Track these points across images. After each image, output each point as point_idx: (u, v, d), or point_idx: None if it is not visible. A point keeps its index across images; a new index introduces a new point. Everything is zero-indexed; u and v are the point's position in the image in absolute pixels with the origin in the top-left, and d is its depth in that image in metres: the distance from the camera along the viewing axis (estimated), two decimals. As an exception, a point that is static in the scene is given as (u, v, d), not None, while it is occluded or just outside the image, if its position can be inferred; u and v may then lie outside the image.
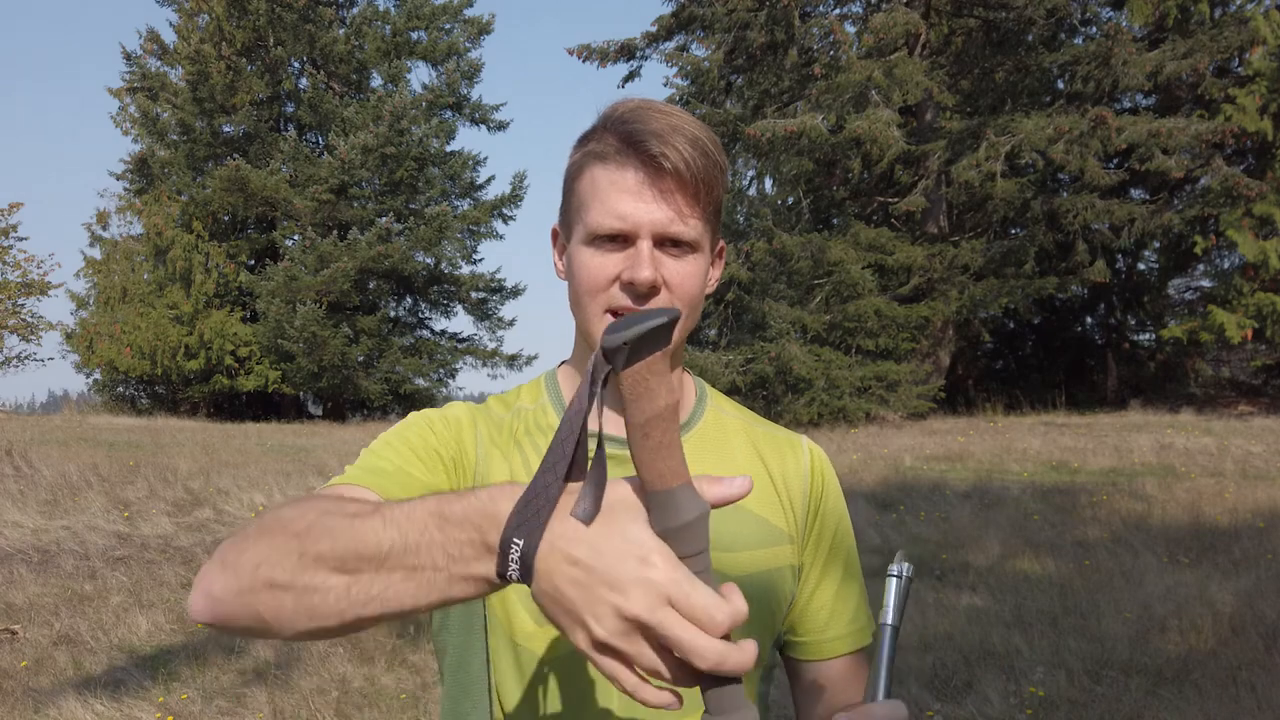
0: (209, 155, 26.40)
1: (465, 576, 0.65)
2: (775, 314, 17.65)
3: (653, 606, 0.59)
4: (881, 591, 0.90)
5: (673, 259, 0.97)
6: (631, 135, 0.94)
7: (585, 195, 0.98)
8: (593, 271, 0.97)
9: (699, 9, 19.33)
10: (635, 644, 0.60)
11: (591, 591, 0.60)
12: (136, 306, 25.86)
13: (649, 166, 0.94)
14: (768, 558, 1.04)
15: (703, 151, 0.94)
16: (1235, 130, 16.80)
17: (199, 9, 26.45)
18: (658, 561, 0.60)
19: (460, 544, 0.64)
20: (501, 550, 0.62)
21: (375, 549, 0.66)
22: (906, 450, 12.59)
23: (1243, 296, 16.77)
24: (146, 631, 5.23)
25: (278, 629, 0.70)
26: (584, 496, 0.63)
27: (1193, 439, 12.68)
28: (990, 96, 19.72)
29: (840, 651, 1.09)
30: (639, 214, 0.94)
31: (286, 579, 0.69)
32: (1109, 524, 7.59)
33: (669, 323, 0.65)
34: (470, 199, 28.86)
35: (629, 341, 0.63)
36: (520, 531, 0.62)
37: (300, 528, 0.70)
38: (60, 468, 10.18)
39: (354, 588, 0.67)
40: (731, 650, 0.59)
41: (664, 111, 0.96)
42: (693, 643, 0.59)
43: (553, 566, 0.61)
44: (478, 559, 0.64)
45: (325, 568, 0.68)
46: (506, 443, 1.04)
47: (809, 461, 1.11)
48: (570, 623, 0.62)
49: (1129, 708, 3.94)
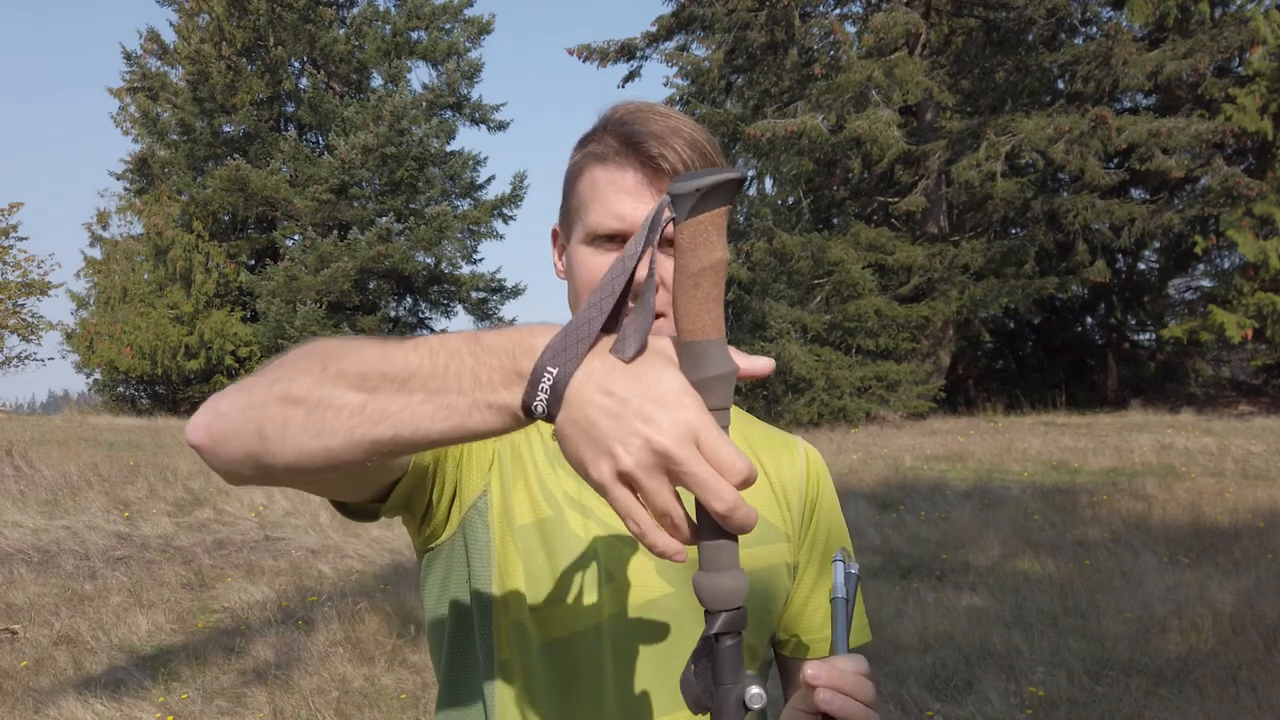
0: (209, 155, 26.39)
1: (488, 404, 0.64)
2: (775, 314, 17.65)
3: (682, 441, 0.59)
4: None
5: (669, 258, 0.97)
6: (630, 136, 0.96)
7: (585, 196, 0.99)
8: (591, 271, 0.98)
9: (699, 9, 19.33)
10: (656, 479, 0.60)
11: (624, 421, 0.60)
12: (137, 306, 25.86)
13: (647, 167, 0.95)
14: (765, 555, 1.04)
15: (701, 153, 0.96)
16: (1235, 130, 16.80)
17: (199, 9, 26.44)
18: (690, 403, 0.61)
19: (490, 369, 0.64)
20: (533, 378, 0.62)
21: (401, 368, 0.66)
22: (906, 450, 12.59)
23: (1243, 296, 16.76)
24: (147, 631, 5.23)
25: (277, 447, 0.69)
26: (627, 336, 0.64)
27: (1193, 439, 12.68)
28: (990, 96, 19.71)
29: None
30: (637, 214, 0.95)
31: (302, 392, 0.68)
32: (1109, 524, 7.59)
33: (740, 179, 0.65)
34: (470, 199, 28.85)
35: (702, 189, 0.63)
36: (556, 360, 0.62)
37: (323, 350, 0.70)
38: (60, 468, 10.18)
39: (370, 404, 0.66)
40: (742, 502, 0.60)
41: (663, 114, 0.97)
42: (714, 484, 0.60)
43: (586, 396, 0.61)
44: (506, 385, 0.64)
45: (345, 383, 0.67)
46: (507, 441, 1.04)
47: (804, 462, 1.12)
48: (596, 453, 0.61)
49: (1129, 708, 3.94)
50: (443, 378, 0.65)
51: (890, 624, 5.07)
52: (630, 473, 0.60)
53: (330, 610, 5.50)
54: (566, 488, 1.01)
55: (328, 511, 8.45)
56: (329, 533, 7.79)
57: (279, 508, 8.68)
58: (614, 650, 0.96)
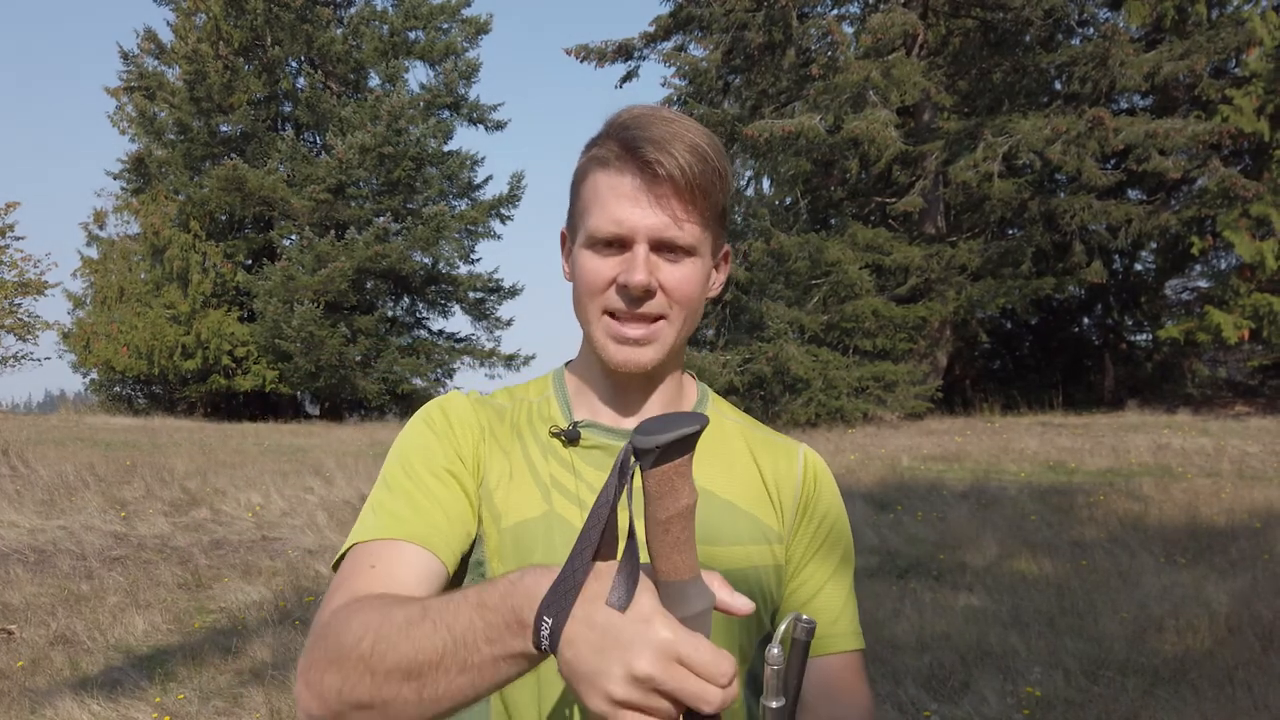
0: (206, 155, 26.36)
1: (507, 656, 0.73)
2: (773, 314, 17.65)
3: (663, 663, 0.66)
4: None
5: (669, 264, 0.99)
6: (630, 142, 0.97)
7: (588, 200, 1.01)
8: (590, 274, 1.00)
9: (697, 9, 19.33)
10: (652, 699, 0.67)
11: (608, 655, 0.67)
12: (133, 306, 25.82)
13: (645, 173, 0.96)
14: (756, 554, 1.05)
15: (701, 158, 0.96)
16: (1232, 131, 16.82)
17: (196, 8, 26.40)
18: (662, 624, 0.67)
19: (496, 627, 0.72)
20: (535, 626, 0.70)
21: (431, 653, 0.75)
22: (904, 450, 12.60)
23: (1239, 297, 16.78)
24: (143, 631, 5.23)
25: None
26: (617, 585, 0.69)
27: (1189, 439, 12.70)
28: (988, 97, 19.73)
29: (839, 648, 1.10)
30: (635, 219, 0.97)
31: (368, 698, 0.78)
32: (1106, 524, 7.60)
33: (699, 430, 0.70)
34: (468, 199, 28.83)
35: (661, 446, 0.68)
36: (550, 610, 0.70)
37: (365, 649, 0.78)
38: (57, 467, 10.17)
39: (424, 691, 0.76)
40: (730, 694, 0.68)
41: (667, 119, 0.98)
42: (701, 693, 0.66)
43: (575, 638, 0.69)
44: (514, 636, 0.72)
45: (395, 679, 0.76)
46: (507, 434, 1.06)
47: (803, 465, 1.12)
48: (589, 688, 0.68)
49: (1126, 708, 3.94)
50: (465, 648, 0.74)
51: (887, 624, 5.07)
52: (625, 700, 0.67)
53: (327, 610, 5.48)
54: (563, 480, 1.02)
55: (325, 512, 8.45)
56: (326, 533, 7.78)
57: (275, 508, 8.68)
58: None
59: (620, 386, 1.07)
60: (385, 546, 0.93)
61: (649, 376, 1.05)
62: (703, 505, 1.03)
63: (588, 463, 1.04)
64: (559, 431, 1.05)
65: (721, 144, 1.01)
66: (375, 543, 0.94)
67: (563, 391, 1.11)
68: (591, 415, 1.07)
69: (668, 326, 1.01)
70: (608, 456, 1.04)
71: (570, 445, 1.05)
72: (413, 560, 0.93)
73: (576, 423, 1.06)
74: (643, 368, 1.02)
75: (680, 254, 0.99)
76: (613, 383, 1.07)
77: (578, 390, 1.10)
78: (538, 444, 1.05)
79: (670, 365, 1.07)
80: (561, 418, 1.07)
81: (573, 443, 1.04)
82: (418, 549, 0.93)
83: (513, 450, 1.05)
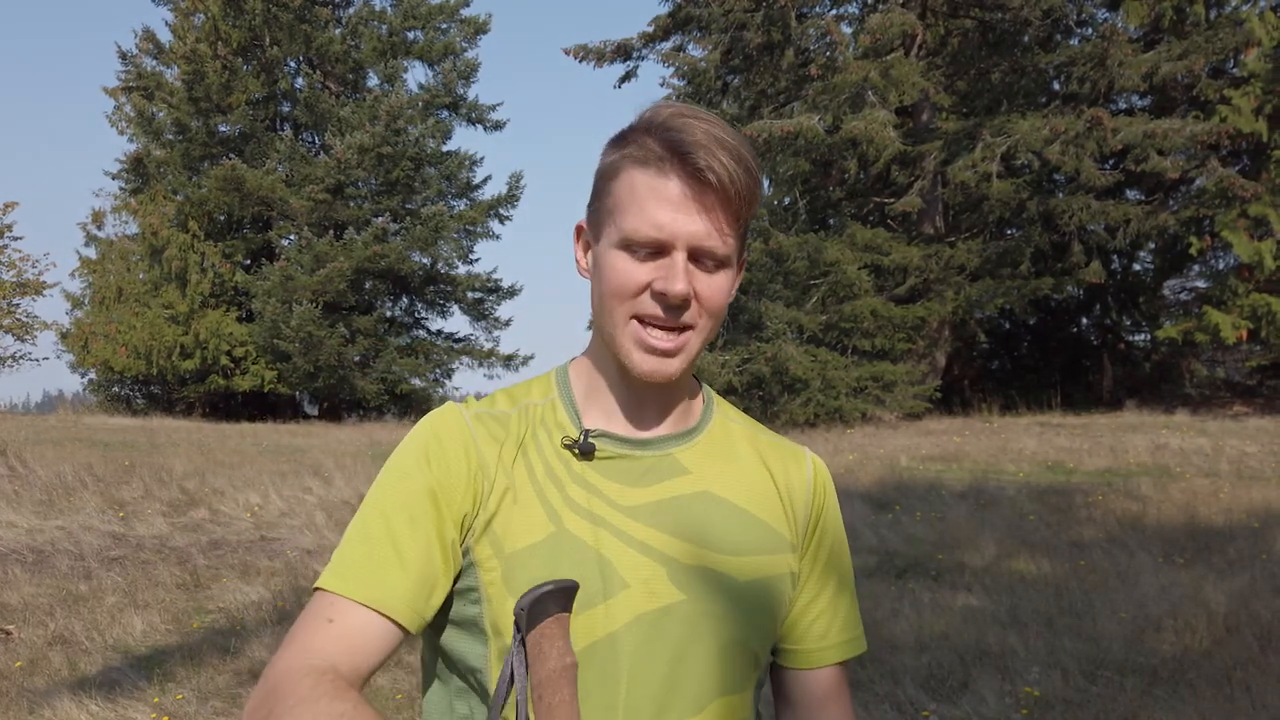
0: (205, 155, 26.33)
1: None
2: (771, 314, 17.65)
3: None
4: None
5: (705, 273, 0.96)
6: (676, 145, 0.93)
7: (622, 198, 0.96)
8: (622, 277, 0.96)
9: (696, 9, 19.34)
10: None
11: None
12: (132, 306, 25.80)
13: (693, 179, 0.93)
14: (771, 564, 1.04)
15: (746, 167, 0.94)
16: (1230, 131, 16.83)
17: (195, 8, 26.39)
18: None
19: None
20: None
21: None
22: (902, 450, 12.60)
23: (1238, 297, 16.80)
24: (141, 632, 5.22)
25: None
26: None
27: (1188, 439, 12.71)
28: (986, 97, 19.74)
29: (832, 660, 1.10)
30: (678, 225, 0.94)
31: None
32: (1104, 524, 7.60)
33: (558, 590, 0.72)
34: (467, 199, 28.82)
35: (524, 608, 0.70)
36: None
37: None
38: (55, 468, 10.16)
39: None
40: None
41: (706, 120, 0.95)
42: None
43: None
44: None
45: None
46: (511, 449, 1.01)
47: (812, 473, 1.11)
48: None
49: (1124, 708, 3.95)
50: None
51: (886, 624, 5.08)
52: None
53: (326, 610, 5.48)
54: (574, 495, 0.99)
55: (323, 512, 8.45)
56: (324, 533, 7.78)
57: (274, 508, 8.67)
58: (630, 659, 0.95)
59: (637, 394, 1.03)
60: (345, 605, 0.93)
61: (667, 385, 1.02)
62: (715, 512, 1.02)
63: (603, 474, 1.00)
64: (571, 443, 1.01)
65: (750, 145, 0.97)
66: (338, 596, 0.93)
67: (568, 394, 1.06)
68: (605, 423, 1.03)
69: (695, 337, 0.99)
70: (624, 467, 1.01)
71: (584, 458, 1.01)
72: (366, 626, 0.92)
73: (588, 432, 1.01)
74: (669, 379, 0.99)
75: (717, 264, 0.96)
76: (629, 389, 1.03)
77: (586, 393, 1.05)
78: (544, 457, 1.01)
79: (688, 373, 1.04)
80: (571, 425, 1.03)
81: (586, 456, 1.01)
82: (373, 615, 0.92)
83: (516, 468, 1.00)
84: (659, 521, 0.99)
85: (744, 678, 1.01)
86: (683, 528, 1.00)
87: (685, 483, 1.02)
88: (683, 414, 1.07)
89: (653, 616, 0.96)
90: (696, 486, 1.03)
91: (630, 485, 1.00)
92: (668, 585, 0.97)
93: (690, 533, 1.00)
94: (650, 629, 0.96)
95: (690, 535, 1.00)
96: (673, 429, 1.05)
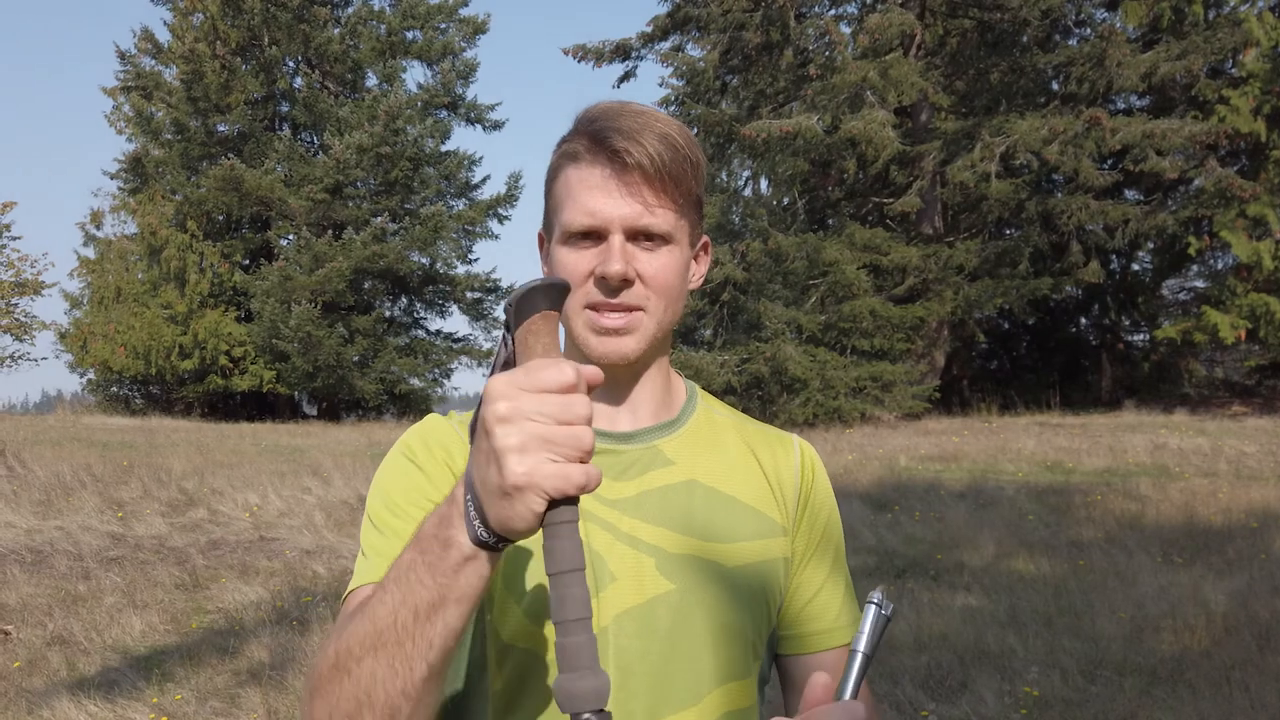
0: (203, 154, 26.31)
1: (453, 568, 0.74)
2: (770, 314, 17.65)
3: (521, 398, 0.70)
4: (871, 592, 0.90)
5: (646, 252, 0.98)
6: (598, 134, 0.97)
7: (560, 196, 1.00)
8: (568, 269, 0.99)
9: (694, 9, 19.34)
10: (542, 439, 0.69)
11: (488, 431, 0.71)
12: (131, 306, 25.78)
13: (614, 163, 0.96)
14: (762, 549, 1.04)
15: (670, 145, 0.96)
16: (1229, 131, 16.85)
17: (193, 8, 26.37)
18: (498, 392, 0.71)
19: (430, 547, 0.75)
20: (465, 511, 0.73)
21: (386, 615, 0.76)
22: (901, 450, 12.60)
23: (1236, 297, 16.82)
24: (140, 632, 5.22)
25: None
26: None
27: (1187, 439, 12.72)
28: (985, 97, 19.75)
29: (841, 642, 1.09)
30: (607, 209, 0.96)
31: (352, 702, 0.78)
32: (1103, 524, 7.61)
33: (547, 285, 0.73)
34: (465, 199, 28.81)
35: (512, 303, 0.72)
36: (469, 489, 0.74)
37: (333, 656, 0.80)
38: (54, 468, 10.15)
39: (394, 660, 0.76)
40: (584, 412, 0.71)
41: (635, 112, 0.98)
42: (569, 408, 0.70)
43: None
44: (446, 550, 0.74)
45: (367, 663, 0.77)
46: None
47: (799, 456, 1.12)
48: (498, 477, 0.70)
49: (1123, 707, 3.95)
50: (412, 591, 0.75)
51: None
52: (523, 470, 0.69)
53: (325, 611, 5.49)
54: None
55: (322, 512, 8.44)
56: (323, 533, 7.78)
57: (273, 508, 8.67)
58: (617, 650, 0.95)
59: (614, 389, 1.04)
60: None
61: (633, 370, 1.03)
62: (702, 500, 1.02)
63: None
64: None
65: (693, 135, 1.00)
66: (369, 587, 0.93)
67: None
68: None
69: (647, 317, 1.00)
70: (609, 462, 1.01)
71: None
72: None
73: None
74: (625, 358, 0.99)
75: (657, 242, 0.98)
76: (606, 385, 1.04)
77: None
78: None
79: (653, 357, 1.05)
80: None
81: None
82: None
83: None
84: (645, 513, 1.00)
85: (742, 666, 1.01)
86: (670, 517, 1.00)
87: (671, 473, 1.03)
88: (663, 406, 1.07)
89: (641, 609, 0.96)
90: (682, 476, 1.03)
91: (615, 479, 1.01)
92: (656, 576, 0.98)
93: (677, 522, 1.00)
94: (639, 622, 0.96)
95: (678, 524, 1.00)
96: (654, 421, 1.06)
